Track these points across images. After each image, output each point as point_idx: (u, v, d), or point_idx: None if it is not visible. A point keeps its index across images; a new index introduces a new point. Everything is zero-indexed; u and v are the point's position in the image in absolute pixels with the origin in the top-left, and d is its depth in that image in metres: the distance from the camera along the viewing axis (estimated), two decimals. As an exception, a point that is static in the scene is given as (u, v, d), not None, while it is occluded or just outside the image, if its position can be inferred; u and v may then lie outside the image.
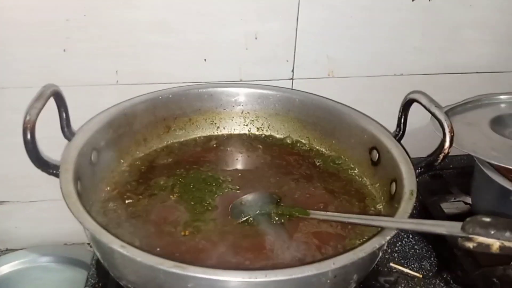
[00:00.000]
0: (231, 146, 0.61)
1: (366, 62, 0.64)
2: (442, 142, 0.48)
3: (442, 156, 0.48)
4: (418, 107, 0.52)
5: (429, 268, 0.54)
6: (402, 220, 0.42)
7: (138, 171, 0.55)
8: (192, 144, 0.60)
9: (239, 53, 0.61)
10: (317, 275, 0.37)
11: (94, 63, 0.58)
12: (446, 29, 0.63)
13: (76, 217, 0.40)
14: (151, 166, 0.56)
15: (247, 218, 0.49)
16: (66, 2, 0.54)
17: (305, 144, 0.61)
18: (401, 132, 0.55)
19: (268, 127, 0.63)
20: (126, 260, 0.38)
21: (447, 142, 0.47)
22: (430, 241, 0.57)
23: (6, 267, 0.65)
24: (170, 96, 0.59)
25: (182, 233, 0.47)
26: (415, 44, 0.64)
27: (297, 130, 0.62)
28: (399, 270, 0.53)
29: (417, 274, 0.53)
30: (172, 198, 0.52)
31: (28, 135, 0.43)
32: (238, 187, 0.54)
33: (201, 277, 0.36)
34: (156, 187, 0.53)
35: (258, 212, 0.50)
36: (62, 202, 0.42)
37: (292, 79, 0.64)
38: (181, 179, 0.54)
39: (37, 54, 0.56)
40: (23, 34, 0.55)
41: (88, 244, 0.68)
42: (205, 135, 0.62)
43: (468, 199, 0.62)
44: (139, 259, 0.37)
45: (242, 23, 0.59)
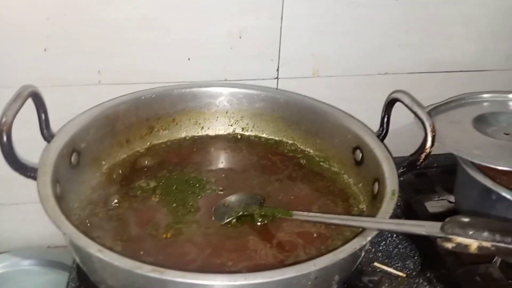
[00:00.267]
0: (216, 147, 0.61)
1: (351, 61, 0.64)
2: (424, 141, 0.48)
3: (424, 155, 0.48)
4: (402, 106, 0.52)
5: (412, 267, 0.54)
6: (383, 220, 0.42)
7: (120, 173, 0.54)
8: (176, 145, 0.60)
9: (224, 52, 0.60)
10: (297, 277, 0.37)
11: (76, 63, 0.57)
12: (430, 27, 0.63)
13: (53, 221, 0.39)
14: (134, 167, 0.55)
15: (230, 220, 0.49)
16: (46, 1, 0.53)
17: (289, 144, 0.61)
18: (384, 131, 0.55)
19: (253, 127, 0.62)
20: (104, 264, 0.37)
21: (429, 142, 0.47)
22: (414, 240, 0.57)
23: (-12, 271, 0.64)
24: (153, 96, 0.58)
25: (164, 235, 0.47)
26: (400, 42, 0.64)
27: (281, 130, 0.62)
28: (383, 270, 0.53)
29: (401, 274, 0.53)
30: (154, 200, 0.51)
31: (4, 138, 0.42)
32: (221, 188, 0.53)
33: (180, 281, 0.35)
34: (138, 189, 0.52)
35: (241, 213, 0.49)
36: (43, 204, 0.41)
37: (277, 78, 0.64)
38: (163, 181, 0.53)
39: (17, 54, 0.55)
40: (2, 34, 0.54)
41: (71, 246, 0.67)
42: (189, 136, 0.61)
43: (452, 198, 0.62)
44: (117, 264, 0.36)
45: (226, 22, 0.59)
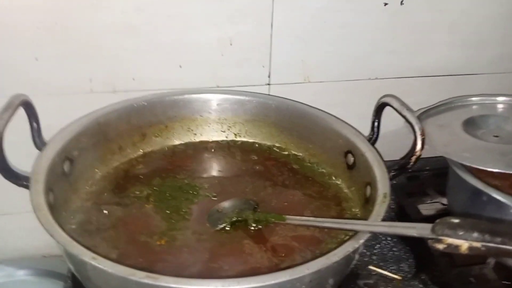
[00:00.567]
0: (208, 153, 0.61)
1: (341, 67, 0.65)
2: (414, 144, 0.48)
3: (414, 158, 0.48)
4: (393, 111, 0.53)
5: (407, 270, 0.54)
6: (375, 223, 0.42)
7: (113, 181, 0.54)
8: (168, 151, 0.60)
9: (215, 59, 0.61)
10: (291, 281, 0.37)
11: (67, 72, 0.57)
12: (417, 33, 0.64)
13: (46, 229, 0.39)
14: (127, 175, 0.55)
15: (224, 226, 0.49)
16: (36, 10, 0.53)
17: (282, 149, 0.62)
18: (375, 135, 0.55)
19: (245, 133, 0.63)
20: (98, 271, 0.37)
21: (419, 145, 0.48)
22: (408, 243, 0.57)
23: (-18, 282, 0.63)
24: (145, 103, 0.58)
25: (158, 242, 0.47)
26: (389, 48, 0.65)
27: (274, 135, 0.62)
28: (378, 273, 0.53)
29: (396, 276, 0.53)
30: (147, 207, 0.51)
31: (-4, 147, 0.42)
32: (215, 194, 0.53)
33: (173, 287, 0.35)
34: (131, 197, 0.52)
35: (235, 219, 0.49)
36: (37, 214, 0.41)
37: (269, 85, 0.64)
38: (156, 188, 0.53)
39: (8, 63, 0.55)
40: (-7, 43, 0.54)
41: (65, 255, 0.66)
42: (182, 142, 0.61)
43: (444, 200, 0.63)
44: (111, 271, 0.36)
45: (217, 29, 0.59)
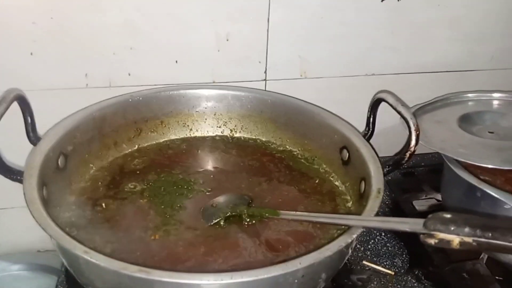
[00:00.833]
0: (204, 148, 0.61)
1: (338, 63, 0.65)
2: (409, 140, 0.48)
3: (408, 154, 0.48)
4: (389, 107, 0.53)
5: (401, 265, 0.54)
6: (369, 218, 0.42)
7: (108, 176, 0.54)
8: (164, 147, 0.60)
9: (211, 55, 0.61)
10: (284, 275, 0.37)
11: (63, 67, 0.57)
12: (415, 28, 0.64)
13: (39, 223, 0.39)
14: (122, 170, 0.55)
15: (218, 221, 0.49)
16: (32, 5, 0.53)
17: (278, 144, 0.62)
18: (370, 131, 0.55)
19: (241, 129, 0.63)
20: (91, 266, 0.37)
21: (413, 140, 0.48)
22: (402, 238, 0.57)
23: (-24, 277, 0.63)
24: (140, 98, 0.58)
25: (152, 237, 0.47)
26: (386, 44, 0.65)
27: (270, 131, 0.62)
28: (372, 268, 0.54)
29: (389, 272, 0.53)
30: (142, 202, 0.51)
31: (-11, 141, 0.42)
32: (209, 189, 0.53)
33: (166, 281, 0.35)
34: (126, 192, 0.52)
35: (229, 214, 0.49)
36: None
37: (265, 80, 0.64)
38: (151, 183, 0.53)
39: (3, 58, 0.55)
40: (-12, 38, 0.54)
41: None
42: (177, 138, 0.61)
43: (439, 196, 0.63)
44: (103, 265, 0.36)
45: (213, 25, 0.59)
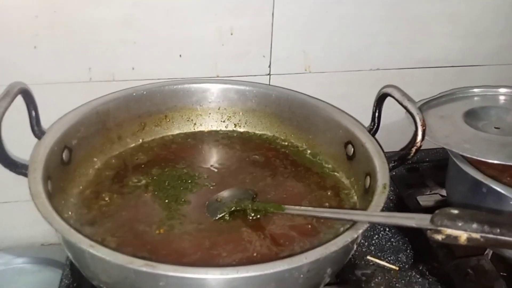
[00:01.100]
0: (208, 143, 0.61)
1: (342, 57, 0.64)
2: (415, 135, 0.48)
3: (414, 149, 0.48)
4: (394, 102, 0.53)
5: (405, 260, 0.54)
6: (374, 213, 0.42)
7: (112, 170, 0.54)
8: (168, 141, 0.60)
9: (215, 49, 0.60)
10: (289, 270, 0.37)
11: (66, 61, 0.57)
12: (418, 24, 0.64)
13: (44, 217, 0.39)
14: (125, 164, 0.55)
15: (223, 215, 0.49)
16: (35, -1, 0.53)
17: (282, 139, 0.61)
18: (375, 126, 0.55)
19: (245, 123, 0.62)
20: (96, 260, 0.37)
21: (419, 136, 0.48)
22: (406, 233, 0.57)
23: (-19, 270, 0.63)
24: (144, 92, 0.58)
25: (157, 231, 0.47)
26: (390, 38, 0.64)
27: (274, 125, 0.62)
28: (376, 263, 0.54)
29: (393, 267, 0.53)
30: (146, 196, 0.51)
31: (-7, 135, 0.42)
32: (214, 184, 0.53)
33: (172, 275, 0.35)
34: (130, 186, 0.52)
35: (233, 208, 0.49)
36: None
37: (269, 75, 0.64)
38: (156, 177, 0.53)
39: (6, 52, 0.55)
40: (-9, 32, 0.54)
41: (64, 244, 0.67)
42: (181, 132, 0.61)
43: (443, 192, 0.63)
44: (109, 259, 0.36)
45: (217, 19, 0.59)
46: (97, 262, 0.38)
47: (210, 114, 0.62)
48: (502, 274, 0.52)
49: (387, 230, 0.58)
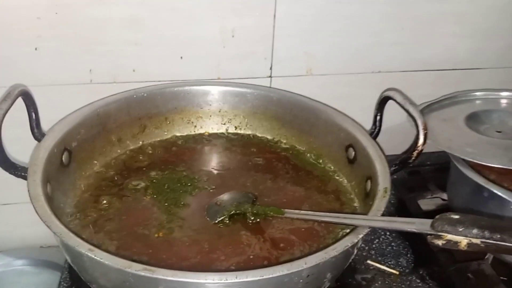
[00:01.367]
0: (209, 145, 0.60)
1: (345, 59, 0.64)
2: (416, 139, 0.48)
3: (416, 153, 0.48)
4: (395, 105, 0.52)
5: (405, 264, 0.54)
6: (375, 218, 0.42)
7: (112, 172, 0.54)
8: (168, 143, 0.60)
9: (216, 50, 0.60)
10: (288, 275, 0.37)
11: (67, 62, 0.57)
12: (422, 25, 0.63)
13: (43, 220, 0.39)
14: (126, 166, 0.55)
15: (223, 218, 0.49)
16: (37, 0, 0.53)
17: (283, 142, 0.61)
18: (377, 129, 0.55)
19: (246, 126, 0.62)
20: (95, 263, 0.37)
21: (421, 139, 0.47)
22: (407, 238, 0.57)
23: (-19, 272, 0.63)
24: (145, 94, 0.58)
25: (156, 235, 0.47)
26: (392, 40, 0.64)
27: (275, 128, 0.61)
28: (376, 267, 0.53)
29: (394, 271, 0.53)
30: (146, 199, 0.51)
31: (-7, 137, 0.42)
32: (214, 187, 0.53)
33: (170, 279, 0.35)
34: (130, 188, 0.52)
35: (233, 212, 0.49)
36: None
37: (270, 77, 0.64)
38: (155, 180, 0.53)
39: (7, 53, 0.55)
40: (-7, 33, 0.54)
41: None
42: (182, 135, 0.61)
43: (445, 196, 0.62)
44: (107, 263, 0.36)
45: (218, 20, 0.58)
46: (95, 265, 0.38)
47: (211, 116, 0.62)
48: (502, 278, 0.52)
49: (388, 234, 0.57)
